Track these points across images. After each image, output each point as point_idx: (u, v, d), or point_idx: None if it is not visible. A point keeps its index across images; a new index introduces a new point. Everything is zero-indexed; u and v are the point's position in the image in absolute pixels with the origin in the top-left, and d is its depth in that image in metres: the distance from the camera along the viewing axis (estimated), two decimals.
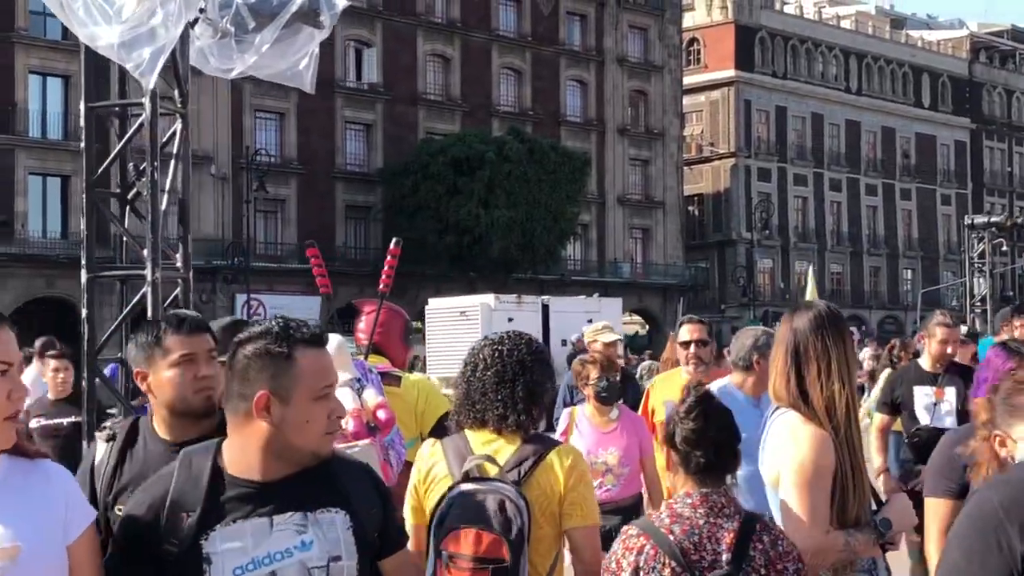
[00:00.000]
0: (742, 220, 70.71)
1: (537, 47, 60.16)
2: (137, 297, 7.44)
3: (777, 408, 4.04)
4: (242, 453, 2.93)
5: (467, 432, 4.09)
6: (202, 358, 3.67)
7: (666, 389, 7.59)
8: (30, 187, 43.15)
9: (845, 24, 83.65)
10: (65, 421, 8.24)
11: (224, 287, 47.64)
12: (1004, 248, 68.52)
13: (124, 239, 7.81)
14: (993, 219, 48.26)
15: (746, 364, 6.32)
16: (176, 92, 7.73)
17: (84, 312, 7.55)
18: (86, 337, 7.48)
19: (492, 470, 3.91)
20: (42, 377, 9.13)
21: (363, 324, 6.95)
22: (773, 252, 73.00)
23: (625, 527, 3.63)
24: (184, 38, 7.54)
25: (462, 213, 49.06)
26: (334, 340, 6.24)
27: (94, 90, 7.42)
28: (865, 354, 25.85)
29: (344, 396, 6.09)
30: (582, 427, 7.32)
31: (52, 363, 8.75)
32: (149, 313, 7.38)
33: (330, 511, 2.94)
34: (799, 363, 3.95)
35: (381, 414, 5.75)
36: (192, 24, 7.67)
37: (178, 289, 7.60)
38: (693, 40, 72.88)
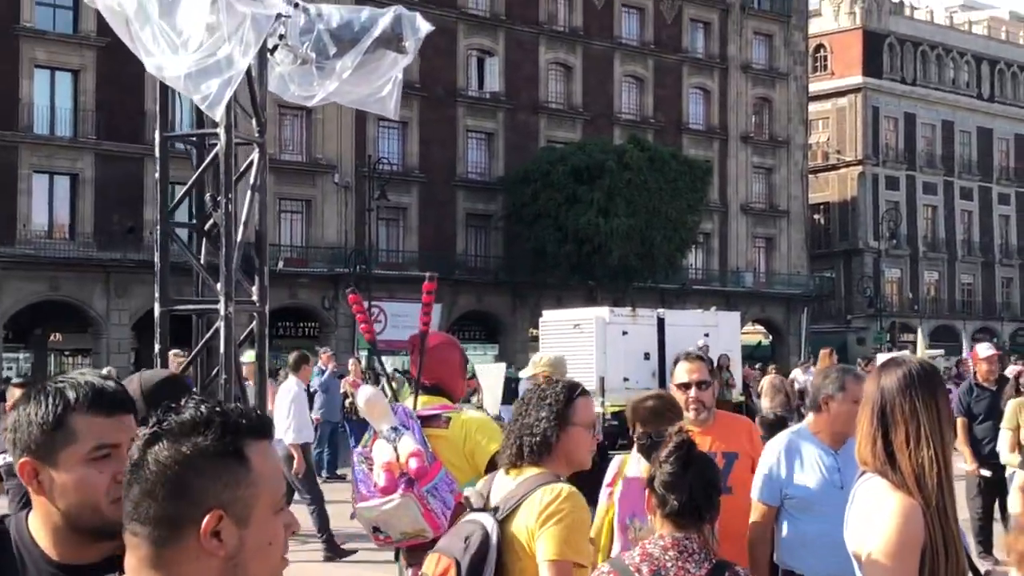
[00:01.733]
0: (869, 229, 69.52)
1: (659, 54, 59.66)
2: (210, 332, 7.26)
3: (864, 473, 3.79)
4: None
5: (502, 470, 4.36)
6: (125, 451, 2.44)
7: None
8: (35, 185, 43.02)
9: (977, 29, 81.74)
10: None
11: (345, 294, 47.93)
12: None
13: (199, 273, 7.62)
14: None
15: (813, 405, 5.77)
16: (254, 121, 7.54)
17: (157, 347, 7.40)
18: (158, 366, 7.36)
19: (479, 503, 4.27)
20: None
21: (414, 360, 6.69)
22: (901, 262, 71.64)
23: (602, 563, 3.95)
24: (263, 65, 7.35)
25: (582, 222, 48.75)
26: (365, 392, 6.02)
27: (167, 119, 7.27)
28: (1010, 372, 24.97)
29: (381, 449, 5.87)
30: (629, 481, 5.96)
31: (18, 392, 7.61)
32: (222, 349, 7.20)
33: None
34: (886, 425, 3.69)
35: (412, 463, 5.59)
36: (272, 51, 7.49)
37: (253, 323, 7.41)
38: (820, 46, 71.94)
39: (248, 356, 14.97)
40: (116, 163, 43.70)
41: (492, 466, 5.75)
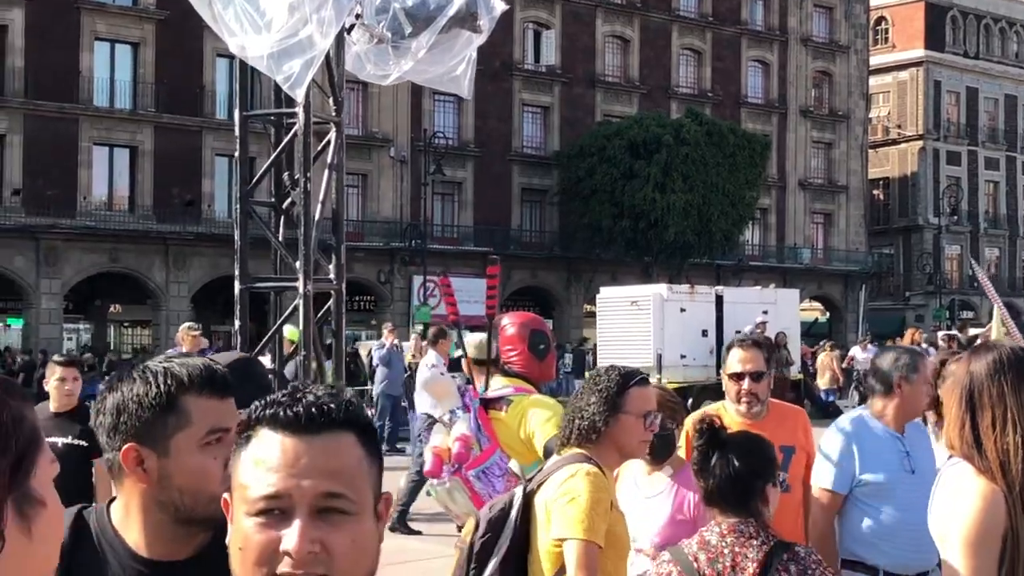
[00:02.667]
0: (929, 205, 68.81)
1: (718, 27, 59.29)
2: (290, 309, 7.37)
3: (951, 457, 3.74)
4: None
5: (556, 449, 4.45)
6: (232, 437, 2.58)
7: None
8: (95, 157, 43.34)
9: None
10: (60, 441, 6.85)
11: (402, 268, 48.24)
12: None
13: (278, 250, 7.72)
14: None
15: (885, 388, 5.40)
16: (331, 100, 7.63)
17: (237, 323, 7.51)
18: (238, 348, 7.46)
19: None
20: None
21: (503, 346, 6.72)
22: (961, 238, 70.89)
23: (662, 552, 3.88)
24: (340, 45, 7.43)
25: (638, 197, 48.63)
26: (423, 375, 6.11)
27: (248, 98, 7.36)
28: None
29: (437, 433, 5.98)
30: (625, 485, 5.40)
31: (59, 371, 7.36)
32: (300, 325, 7.31)
33: None
34: (973, 409, 3.63)
35: (455, 447, 5.69)
36: (348, 30, 7.56)
37: (331, 301, 7.51)
38: (881, 19, 71.22)
39: (290, 332, 15.19)
40: (175, 136, 44.09)
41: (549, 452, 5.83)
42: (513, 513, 4.16)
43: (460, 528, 4.87)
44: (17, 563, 1.47)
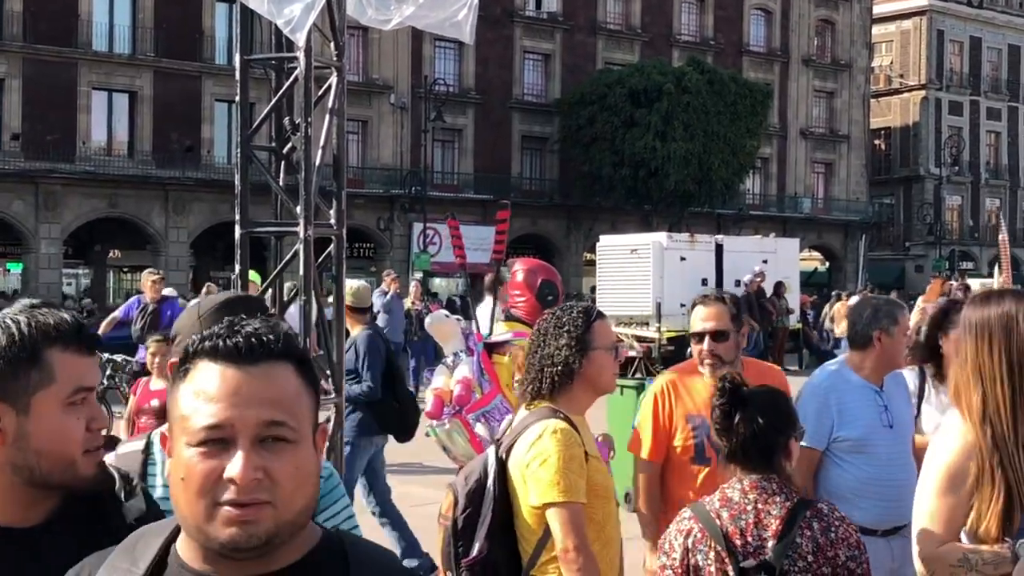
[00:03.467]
0: (931, 155, 68.72)
1: None
2: (291, 254, 7.39)
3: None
4: None
5: (523, 403, 4.30)
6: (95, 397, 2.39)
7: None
8: (94, 102, 43.16)
9: None
10: None
11: (402, 215, 48.23)
12: None
13: (278, 196, 7.72)
14: None
15: (863, 341, 5.23)
16: (332, 45, 7.60)
17: (238, 268, 7.54)
18: (239, 287, 7.51)
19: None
20: None
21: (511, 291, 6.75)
22: (962, 189, 70.85)
23: (683, 508, 3.78)
24: None
25: (638, 145, 48.55)
26: (432, 317, 6.12)
27: (249, 42, 7.35)
28: None
29: (439, 374, 6.01)
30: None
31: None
32: (301, 270, 7.33)
33: None
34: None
35: (456, 389, 5.70)
36: None
37: (331, 247, 7.52)
38: None
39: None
40: (174, 81, 43.95)
41: None
42: (489, 483, 4.07)
43: (459, 470, 4.74)
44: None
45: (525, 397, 4.21)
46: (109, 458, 2.71)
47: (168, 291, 16.37)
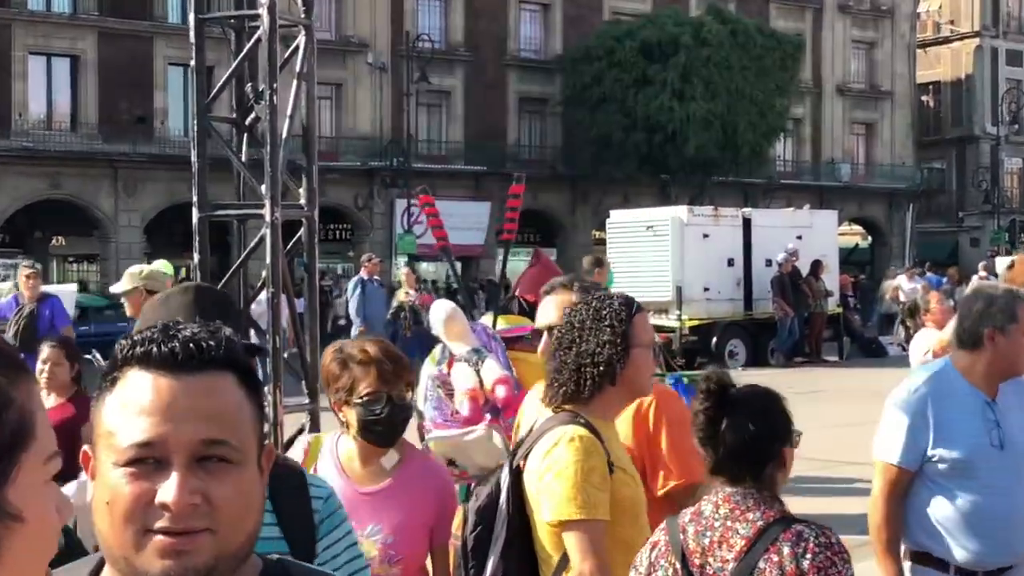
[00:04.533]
0: (987, 112, 68.62)
1: None
2: (256, 240, 7.39)
3: None
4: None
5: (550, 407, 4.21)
6: None
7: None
8: (31, 68, 43.28)
9: None
10: None
11: (382, 191, 48.23)
12: None
13: (240, 173, 7.72)
14: None
15: (973, 340, 4.84)
16: (299, 1, 7.61)
17: (197, 257, 7.54)
18: (199, 279, 7.50)
19: None
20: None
21: (524, 279, 6.77)
22: (1023, 151, 70.70)
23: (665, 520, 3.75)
24: None
25: (653, 106, 48.55)
26: (444, 308, 6.09)
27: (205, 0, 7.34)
28: None
29: (462, 373, 5.95)
30: (327, 470, 4.38)
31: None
32: (268, 258, 7.33)
33: None
34: None
35: (500, 391, 5.64)
36: None
37: (301, 229, 7.53)
38: None
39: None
40: (122, 43, 43.94)
41: None
42: (502, 500, 4.07)
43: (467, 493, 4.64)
44: None
45: (555, 400, 4.11)
46: None
47: (50, 288, 15.88)
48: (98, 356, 12.59)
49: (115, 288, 9.16)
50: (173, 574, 1.71)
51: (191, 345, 1.78)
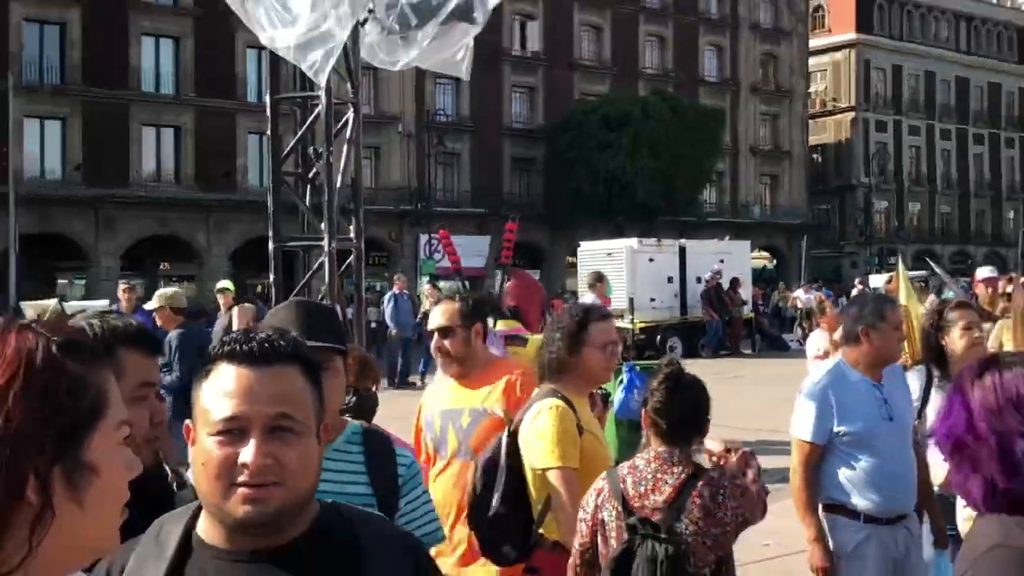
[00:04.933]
0: (861, 167, 68.67)
1: (679, 16, 58.81)
2: (317, 265, 7.37)
3: None
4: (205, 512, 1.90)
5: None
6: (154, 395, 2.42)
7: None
8: (144, 136, 42.92)
9: None
10: None
11: (409, 228, 48.09)
12: None
13: (305, 214, 7.71)
14: None
15: (853, 339, 4.83)
16: (348, 85, 7.59)
17: (272, 277, 7.54)
18: (274, 300, 7.48)
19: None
20: None
21: (508, 292, 6.73)
22: (888, 195, 70.82)
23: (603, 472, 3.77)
24: (355, 36, 7.37)
25: (612, 165, 48.45)
26: None
27: (277, 84, 7.34)
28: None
29: None
30: None
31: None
32: (326, 278, 7.31)
33: None
34: None
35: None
36: (362, 23, 7.50)
37: (351, 257, 7.51)
38: (818, 7, 70.76)
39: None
40: (213, 117, 43.85)
41: None
42: (501, 456, 4.06)
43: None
44: (71, 533, 1.29)
45: (542, 379, 4.18)
46: None
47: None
48: None
49: (148, 305, 9.17)
50: (252, 516, 1.77)
51: (265, 344, 1.84)
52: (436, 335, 4.53)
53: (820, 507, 4.82)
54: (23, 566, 1.25)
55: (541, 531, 4.04)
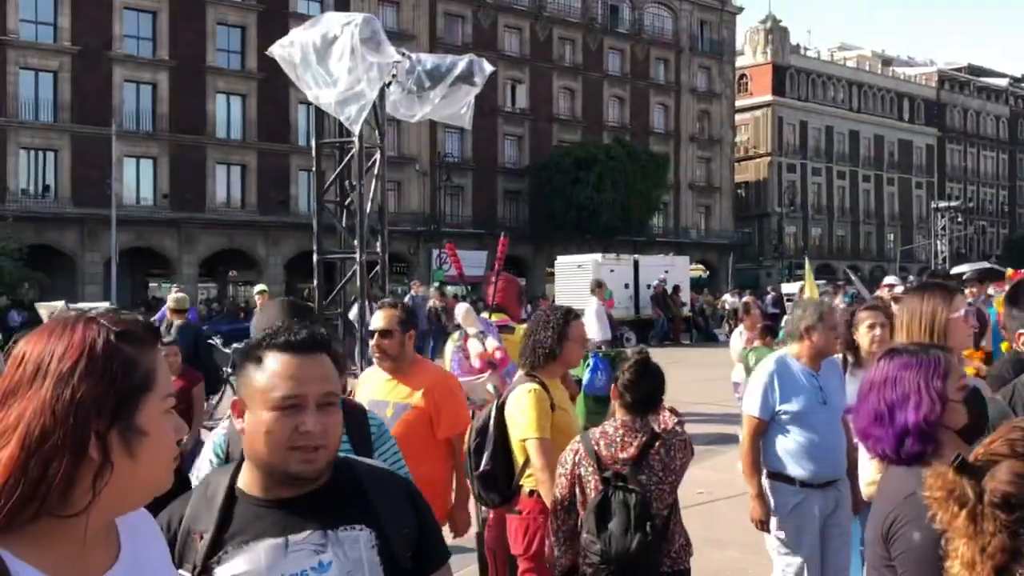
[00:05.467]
0: (775, 200, 68.70)
1: (634, 81, 58.87)
2: (351, 272, 7.34)
3: None
4: (248, 469, 1.89)
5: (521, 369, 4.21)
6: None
7: None
8: (218, 172, 42.75)
9: (850, 63, 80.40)
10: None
11: (424, 244, 47.99)
12: (959, 220, 66.01)
13: (342, 233, 7.69)
14: (952, 203, 46.17)
15: (798, 336, 4.64)
16: (376, 132, 7.58)
17: (315, 282, 7.51)
18: (317, 300, 7.45)
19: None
20: None
21: (490, 290, 6.72)
22: (797, 221, 70.85)
23: (577, 436, 3.73)
24: (382, 94, 7.37)
25: (582, 196, 48.48)
26: (464, 307, 6.10)
27: (321, 131, 7.33)
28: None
29: (474, 345, 5.94)
30: None
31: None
32: (358, 283, 7.29)
33: (354, 529, 1.85)
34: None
35: (499, 354, 5.64)
36: (388, 85, 7.50)
37: (378, 266, 7.48)
38: (743, 75, 70.78)
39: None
40: (272, 157, 43.79)
41: None
42: (490, 424, 4.03)
43: (472, 415, 4.59)
44: (127, 481, 1.29)
45: (525, 367, 4.12)
46: None
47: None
48: (218, 342, 12.40)
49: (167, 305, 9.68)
50: (308, 471, 1.81)
51: (309, 337, 1.84)
52: (376, 335, 4.22)
53: (764, 474, 4.66)
54: (88, 509, 1.26)
55: (522, 483, 4.03)
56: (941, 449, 2.24)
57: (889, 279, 13.70)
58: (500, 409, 4.06)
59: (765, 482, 4.66)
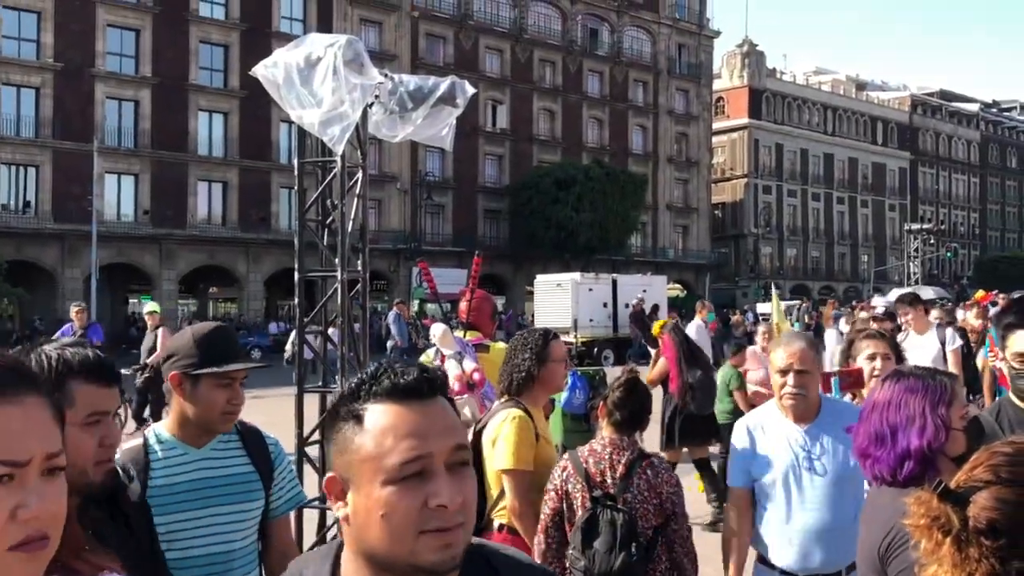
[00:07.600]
0: (751, 221, 69.27)
1: (613, 103, 59.30)
2: (332, 290, 7.33)
3: None
4: (354, 565, 1.34)
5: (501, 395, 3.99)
6: (112, 418, 1.96)
7: None
8: (199, 189, 42.75)
9: (824, 87, 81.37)
10: None
11: (404, 262, 47.96)
12: (931, 242, 66.73)
13: (323, 251, 7.67)
14: (924, 225, 46.74)
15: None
16: (358, 152, 7.59)
17: (296, 300, 7.49)
18: (299, 317, 7.45)
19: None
20: None
21: (462, 306, 6.73)
22: (772, 242, 71.47)
23: (564, 453, 3.64)
24: (365, 115, 7.38)
25: (561, 216, 48.66)
26: (440, 328, 6.10)
27: (303, 150, 7.35)
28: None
29: (451, 365, 5.92)
30: None
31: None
32: (339, 301, 7.27)
33: None
34: None
35: (476, 376, 5.60)
36: (370, 106, 7.51)
37: (359, 284, 7.48)
38: (720, 98, 71.48)
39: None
40: (252, 174, 43.70)
41: None
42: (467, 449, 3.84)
43: None
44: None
45: (504, 392, 3.87)
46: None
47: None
48: None
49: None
50: (446, 563, 1.26)
51: (426, 377, 1.31)
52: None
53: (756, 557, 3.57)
54: None
55: (492, 516, 3.82)
56: (937, 476, 2.22)
57: (875, 301, 13.67)
58: (478, 435, 3.81)
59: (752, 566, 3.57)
